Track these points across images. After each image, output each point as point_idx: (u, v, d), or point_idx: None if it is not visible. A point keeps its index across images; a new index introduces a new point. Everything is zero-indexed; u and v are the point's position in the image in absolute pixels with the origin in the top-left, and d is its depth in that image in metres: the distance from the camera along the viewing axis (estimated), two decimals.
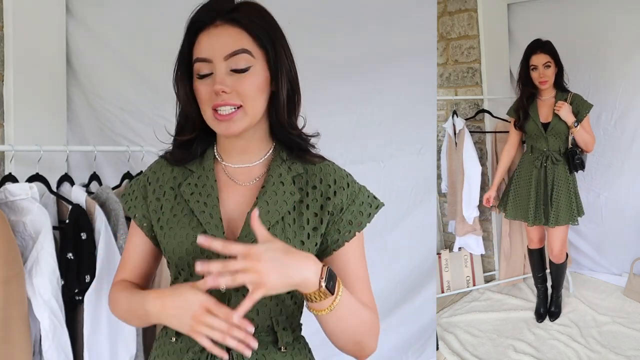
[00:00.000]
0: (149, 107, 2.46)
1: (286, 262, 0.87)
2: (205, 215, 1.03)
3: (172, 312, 0.95)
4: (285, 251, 0.88)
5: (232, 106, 1.00)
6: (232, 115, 1.00)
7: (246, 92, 1.00)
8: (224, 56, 1.00)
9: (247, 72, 1.01)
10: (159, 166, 1.14)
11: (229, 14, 1.01)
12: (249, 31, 1.01)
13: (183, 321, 0.93)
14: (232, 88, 1.00)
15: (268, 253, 0.87)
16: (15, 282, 1.59)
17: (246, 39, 1.01)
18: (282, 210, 1.03)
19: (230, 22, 1.01)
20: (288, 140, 1.09)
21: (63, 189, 1.95)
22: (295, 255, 0.89)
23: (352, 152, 2.49)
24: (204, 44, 1.01)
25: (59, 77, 2.39)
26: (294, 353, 1.06)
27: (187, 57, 1.04)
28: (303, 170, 1.08)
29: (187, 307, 0.93)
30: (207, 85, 1.01)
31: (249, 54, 1.01)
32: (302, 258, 0.89)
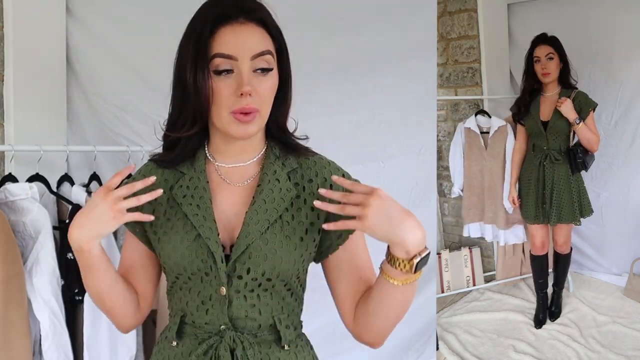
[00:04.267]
0: (149, 107, 2.46)
1: (399, 216, 0.90)
2: (199, 217, 1.01)
3: (91, 222, 0.96)
4: (403, 210, 0.91)
5: (254, 110, 0.98)
6: (252, 117, 0.98)
7: (265, 95, 0.99)
8: (251, 56, 0.97)
9: (269, 74, 0.99)
10: (149, 169, 1.10)
11: (254, 13, 0.99)
12: (271, 33, 1.00)
13: (103, 218, 0.95)
14: (255, 90, 0.97)
15: (389, 201, 0.90)
16: (15, 282, 1.59)
17: (269, 41, 1.00)
18: (280, 208, 1.02)
19: (255, 21, 0.99)
20: (282, 138, 1.09)
21: (63, 189, 1.95)
22: (410, 219, 0.91)
23: (352, 152, 2.49)
24: (228, 40, 0.97)
25: (59, 77, 2.38)
26: (297, 351, 1.06)
27: (205, 49, 0.97)
28: (297, 165, 1.07)
29: (94, 204, 0.96)
30: (229, 85, 0.97)
31: (272, 55, 1.00)
32: (416, 226, 0.91)
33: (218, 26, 0.97)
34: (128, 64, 2.50)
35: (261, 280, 1.00)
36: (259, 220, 1.00)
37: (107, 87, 2.50)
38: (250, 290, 1.00)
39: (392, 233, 0.90)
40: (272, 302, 1.03)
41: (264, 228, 1.00)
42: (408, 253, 0.91)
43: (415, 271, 0.92)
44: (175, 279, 1.05)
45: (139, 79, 2.50)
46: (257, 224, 1.00)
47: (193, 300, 1.03)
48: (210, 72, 0.97)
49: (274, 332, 1.03)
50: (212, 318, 1.01)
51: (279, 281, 1.01)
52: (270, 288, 1.01)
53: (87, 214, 0.97)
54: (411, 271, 0.92)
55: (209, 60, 0.97)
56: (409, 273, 0.93)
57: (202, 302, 1.02)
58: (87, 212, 0.97)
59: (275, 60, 1.01)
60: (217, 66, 0.97)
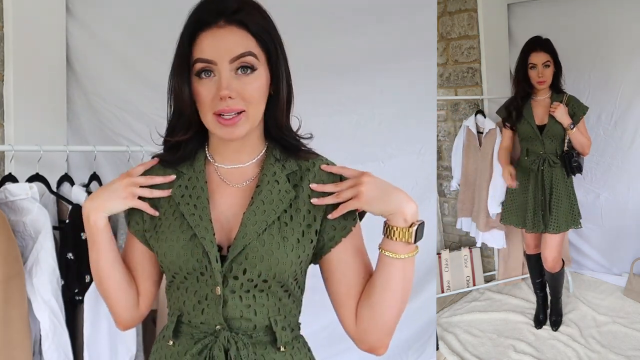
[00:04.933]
0: (149, 107, 2.46)
1: (392, 189, 0.99)
2: (195, 217, 1.02)
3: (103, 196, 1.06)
4: (394, 186, 1.00)
5: (235, 111, 0.98)
6: (235, 120, 0.98)
7: (251, 96, 0.99)
8: (229, 59, 0.97)
9: (252, 76, 0.99)
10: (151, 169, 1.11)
11: (234, 15, 0.99)
12: (253, 33, 1.00)
13: (115, 194, 1.05)
14: (237, 92, 0.98)
15: (379, 178, 1.00)
16: (15, 282, 1.59)
17: (251, 41, 0.99)
18: (278, 210, 1.02)
19: (235, 23, 0.99)
20: (283, 140, 1.08)
21: (63, 189, 1.95)
22: (403, 192, 1.00)
23: (352, 152, 2.49)
24: (207, 45, 0.98)
25: (59, 77, 2.38)
26: (293, 352, 1.06)
27: (186, 55, 1.00)
28: (297, 167, 1.07)
29: (113, 182, 1.07)
30: (209, 88, 0.99)
31: (254, 57, 0.99)
32: (410, 199, 0.99)
33: (199, 32, 0.99)
34: (128, 64, 2.50)
35: (257, 281, 1.00)
36: (256, 221, 1.00)
37: (107, 87, 2.50)
38: (246, 291, 1.00)
39: (390, 203, 0.98)
40: (268, 303, 1.02)
41: (262, 229, 1.00)
42: (406, 221, 0.98)
43: (415, 240, 0.98)
44: (172, 278, 1.05)
45: (139, 79, 2.50)
46: (255, 224, 1.00)
47: (189, 299, 1.03)
48: (191, 77, 1.00)
49: (269, 333, 1.03)
50: (208, 318, 1.01)
51: (276, 282, 1.01)
52: (266, 289, 1.01)
53: (103, 188, 1.08)
54: (411, 240, 0.98)
55: (192, 66, 1.00)
56: (409, 244, 0.99)
57: (198, 302, 1.02)
58: (105, 187, 1.08)
59: (262, 59, 1.01)
60: (198, 70, 0.99)
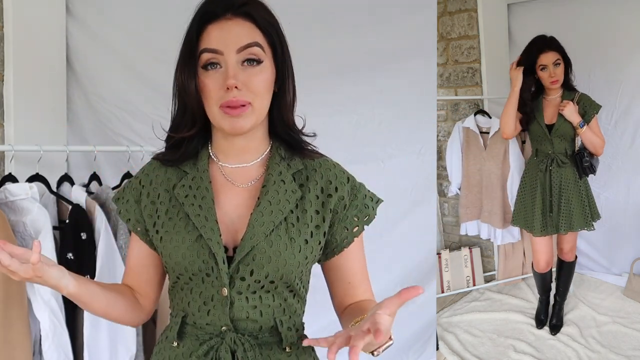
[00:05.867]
0: (149, 107, 2.46)
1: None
2: (201, 218, 1.01)
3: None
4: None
5: (241, 104, 0.97)
6: (241, 110, 0.97)
7: (257, 88, 0.99)
8: (236, 48, 0.97)
9: (258, 68, 0.99)
10: (152, 168, 1.10)
11: (241, 8, 0.99)
12: (260, 26, 1.00)
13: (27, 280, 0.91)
14: (243, 83, 0.97)
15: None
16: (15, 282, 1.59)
17: (258, 34, 1.00)
18: (285, 210, 1.01)
19: (242, 16, 0.99)
20: (289, 137, 1.08)
21: (63, 189, 1.95)
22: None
23: (352, 152, 2.49)
24: (214, 35, 0.98)
25: (59, 77, 2.39)
26: (298, 353, 1.05)
27: (194, 48, 0.99)
28: (302, 166, 1.07)
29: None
30: (215, 79, 0.98)
31: (260, 48, 0.99)
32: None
33: (206, 24, 0.99)
34: (128, 64, 2.50)
35: (264, 282, 1.00)
36: (264, 222, 1.00)
37: (107, 87, 2.50)
38: (253, 292, 1.00)
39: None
40: (274, 304, 1.02)
41: (269, 230, 0.99)
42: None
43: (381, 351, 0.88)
44: (177, 279, 1.04)
45: (139, 79, 2.50)
46: (262, 225, 0.99)
47: (195, 300, 1.02)
48: (197, 69, 0.99)
49: (275, 334, 1.03)
50: (214, 319, 1.01)
51: (282, 283, 1.01)
52: (272, 290, 1.01)
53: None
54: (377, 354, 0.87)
55: (198, 57, 0.99)
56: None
57: (203, 303, 1.01)
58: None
59: (268, 53, 1.01)
60: (205, 61, 0.98)
